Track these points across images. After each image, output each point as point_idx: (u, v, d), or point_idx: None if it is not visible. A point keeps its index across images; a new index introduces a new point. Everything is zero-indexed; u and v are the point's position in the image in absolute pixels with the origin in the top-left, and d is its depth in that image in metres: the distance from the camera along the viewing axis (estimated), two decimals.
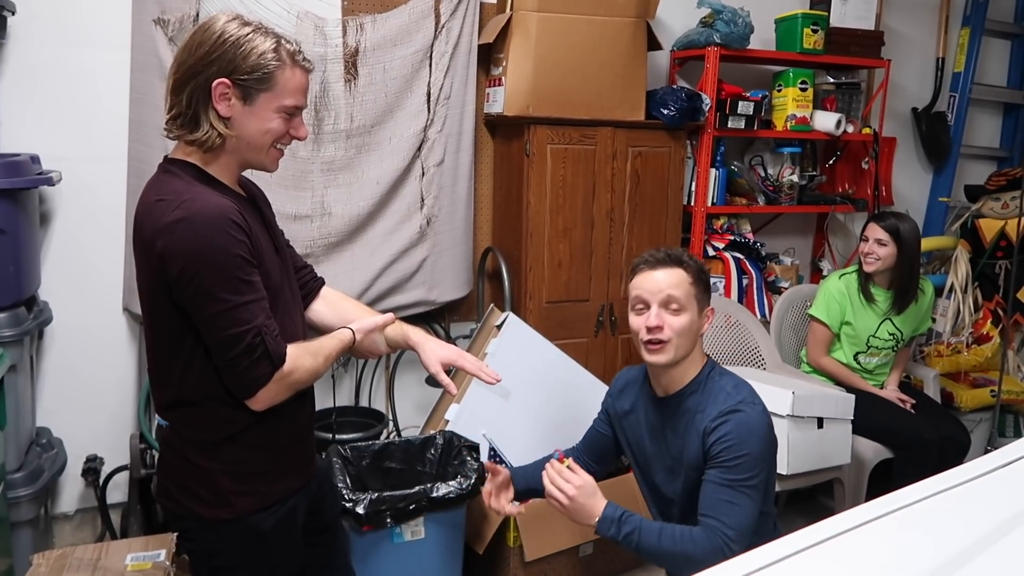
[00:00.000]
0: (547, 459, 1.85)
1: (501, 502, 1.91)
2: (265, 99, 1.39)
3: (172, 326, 1.38)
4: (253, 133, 1.41)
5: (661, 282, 1.70)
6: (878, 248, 3.00)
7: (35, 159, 2.36)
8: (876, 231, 3.02)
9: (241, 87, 1.37)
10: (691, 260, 1.74)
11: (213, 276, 1.31)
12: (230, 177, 1.47)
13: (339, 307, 1.76)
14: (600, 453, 2.03)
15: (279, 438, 1.50)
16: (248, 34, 1.37)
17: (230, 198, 1.40)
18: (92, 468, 2.61)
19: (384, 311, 2.92)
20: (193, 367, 1.40)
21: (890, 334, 3.05)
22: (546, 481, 1.64)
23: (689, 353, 1.73)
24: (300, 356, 1.44)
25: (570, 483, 1.59)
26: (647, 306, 1.71)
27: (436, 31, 2.89)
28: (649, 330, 1.70)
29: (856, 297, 3.07)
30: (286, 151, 2.61)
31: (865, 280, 3.06)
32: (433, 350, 1.67)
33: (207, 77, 1.35)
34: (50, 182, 2.29)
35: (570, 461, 1.65)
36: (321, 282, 1.79)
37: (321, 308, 1.74)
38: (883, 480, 2.85)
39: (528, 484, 1.93)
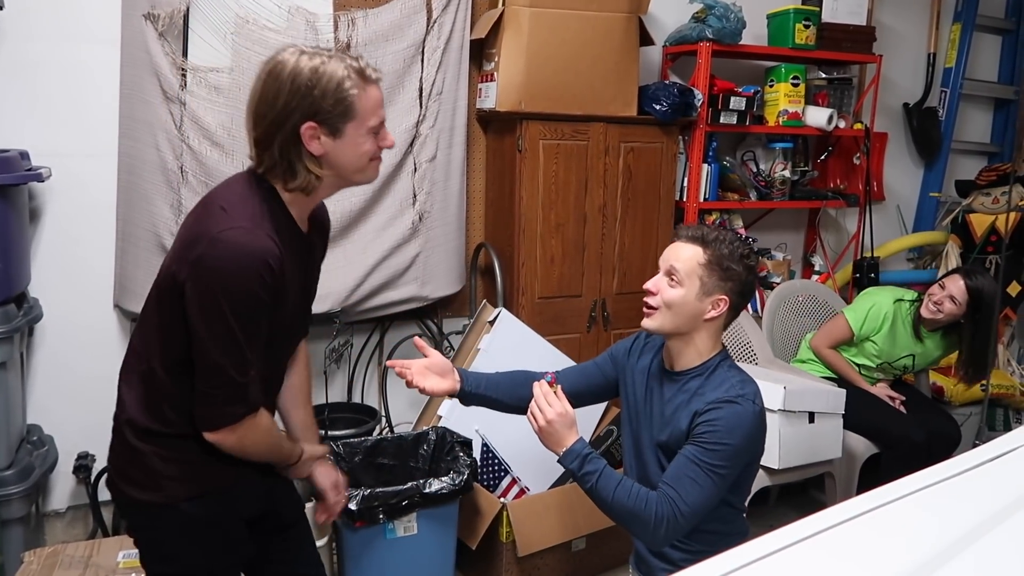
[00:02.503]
0: (515, 373, 1.93)
1: (431, 382, 1.80)
2: (352, 127, 1.40)
3: (176, 317, 1.39)
4: (349, 160, 1.42)
5: (673, 253, 1.73)
6: (948, 303, 2.86)
7: (24, 155, 2.35)
8: (956, 286, 2.85)
9: (327, 124, 1.37)
10: (718, 245, 1.70)
11: (229, 303, 1.33)
12: (306, 210, 1.49)
13: (289, 394, 1.72)
14: (585, 388, 1.96)
15: None
16: (318, 67, 1.35)
17: (284, 238, 1.40)
18: (84, 465, 2.60)
19: (377, 307, 2.96)
20: (171, 345, 1.41)
21: (904, 366, 3.04)
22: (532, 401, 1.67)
23: (685, 332, 1.72)
24: (269, 428, 1.49)
25: (552, 407, 1.63)
26: (659, 272, 1.75)
27: (428, 26, 2.88)
28: (645, 292, 1.74)
29: (899, 326, 2.97)
30: None
31: (918, 320, 2.96)
32: (323, 470, 1.72)
33: (293, 125, 1.36)
34: (39, 178, 2.28)
35: (558, 388, 1.68)
36: (304, 335, 1.76)
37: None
38: (874, 473, 2.87)
39: (482, 391, 1.88)
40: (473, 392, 1.87)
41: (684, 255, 1.71)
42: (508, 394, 1.90)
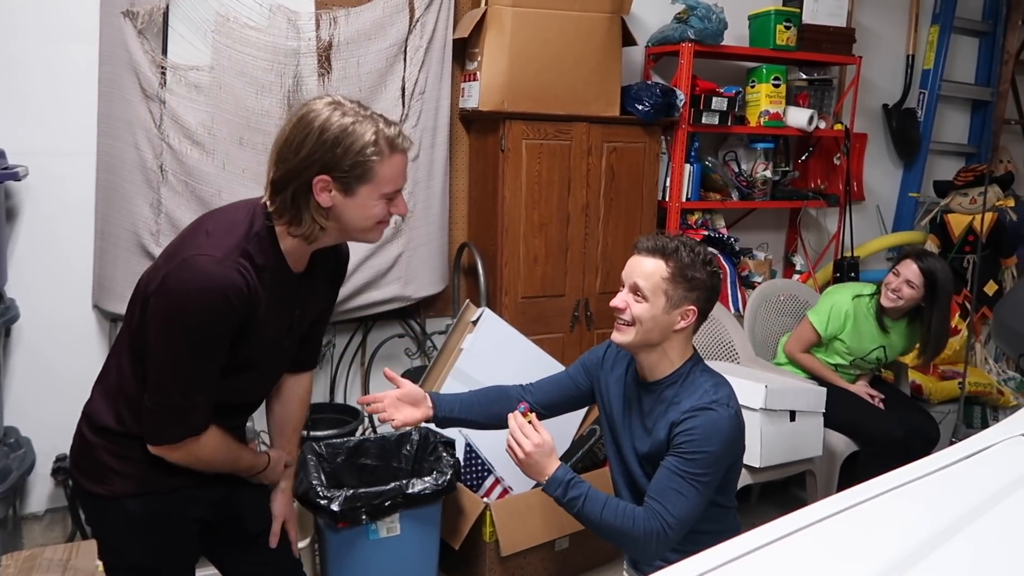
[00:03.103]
0: (487, 390, 1.95)
1: (403, 414, 1.81)
2: (366, 190, 1.39)
3: (143, 324, 1.40)
4: (355, 219, 1.42)
5: (636, 268, 1.72)
6: (906, 288, 2.88)
7: (0, 154, 2.32)
8: (911, 270, 2.88)
9: (341, 181, 1.37)
10: (679, 255, 1.69)
11: (182, 327, 1.34)
12: (303, 253, 1.48)
13: (278, 423, 1.75)
14: (560, 400, 1.97)
15: None
16: (348, 127, 1.35)
17: (264, 276, 1.40)
18: (62, 467, 2.57)
19: (359, 307, 2.95)
20: (137, 349, 1.42)
21: (876, 359, 3.06)
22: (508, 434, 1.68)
23: (656, 344, 1.72)
24: (218, 447, 1.48)
25: (529, 439, 1.63)
26: (623, 287, 1.75)
27: (410, 25, 2.87)
28: (615, 309, 1.74)
29: (863, 321, 3.00)
30: (259, 142, 2.57)
31: (880, 311, 2.98)
32: (279, 499, 1.73)
33: (308, 176, 1.36)
34: (16, 177, 2.25)
35: (532, 417, 1.68)
36: (307, 368, 1.77)
37: (273, 405, 1.74)
38: (854, 471, 2.89)
39: (455, 414, 1.90)
40: (447, 417, 1.89)
41: (647, 270, 1.69)
42: (482, 414, 1.91)
